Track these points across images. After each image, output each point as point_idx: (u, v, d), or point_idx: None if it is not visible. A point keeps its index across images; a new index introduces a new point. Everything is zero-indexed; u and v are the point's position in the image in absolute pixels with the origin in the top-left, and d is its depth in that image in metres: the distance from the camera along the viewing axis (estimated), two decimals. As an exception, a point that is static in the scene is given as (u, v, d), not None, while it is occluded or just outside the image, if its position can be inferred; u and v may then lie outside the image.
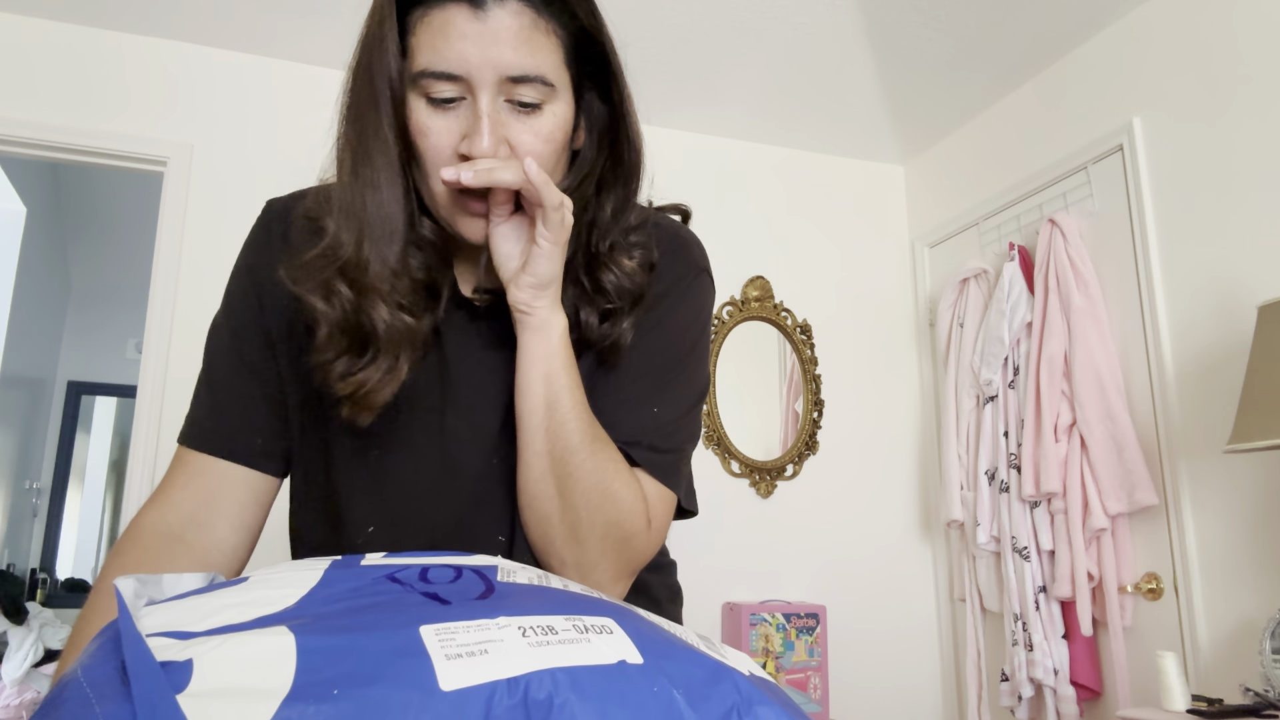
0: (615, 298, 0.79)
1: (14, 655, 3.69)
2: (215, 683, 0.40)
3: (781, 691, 0.53)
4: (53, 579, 4.90)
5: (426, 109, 0.72)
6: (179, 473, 0.82)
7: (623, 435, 0.79)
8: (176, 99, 2.70)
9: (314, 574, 0.54)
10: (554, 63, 0.73)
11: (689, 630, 0.57)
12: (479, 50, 0.70)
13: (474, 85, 0.71)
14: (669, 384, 0.83)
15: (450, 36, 0.70)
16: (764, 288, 3.21)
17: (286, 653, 0.42)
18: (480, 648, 0.44)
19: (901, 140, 3.33)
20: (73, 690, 0.42)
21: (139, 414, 2.52)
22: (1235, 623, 2.14)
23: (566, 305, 0.78)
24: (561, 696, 0.42)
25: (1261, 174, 2.16)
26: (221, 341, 0.85)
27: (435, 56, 0.70)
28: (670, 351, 0.84)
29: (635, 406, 0.82)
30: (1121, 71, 2.58)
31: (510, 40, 0.70)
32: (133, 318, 4.92)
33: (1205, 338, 2.27)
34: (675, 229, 0.88)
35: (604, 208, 0.79)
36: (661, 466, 0.81)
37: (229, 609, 0.48)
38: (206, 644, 0.43)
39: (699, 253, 0.89)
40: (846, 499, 3.16)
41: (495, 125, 0.71)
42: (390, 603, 0.50)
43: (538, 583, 0.57)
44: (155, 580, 0.55)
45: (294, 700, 0.39)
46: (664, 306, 0.84)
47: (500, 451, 0.81)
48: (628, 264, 0.79)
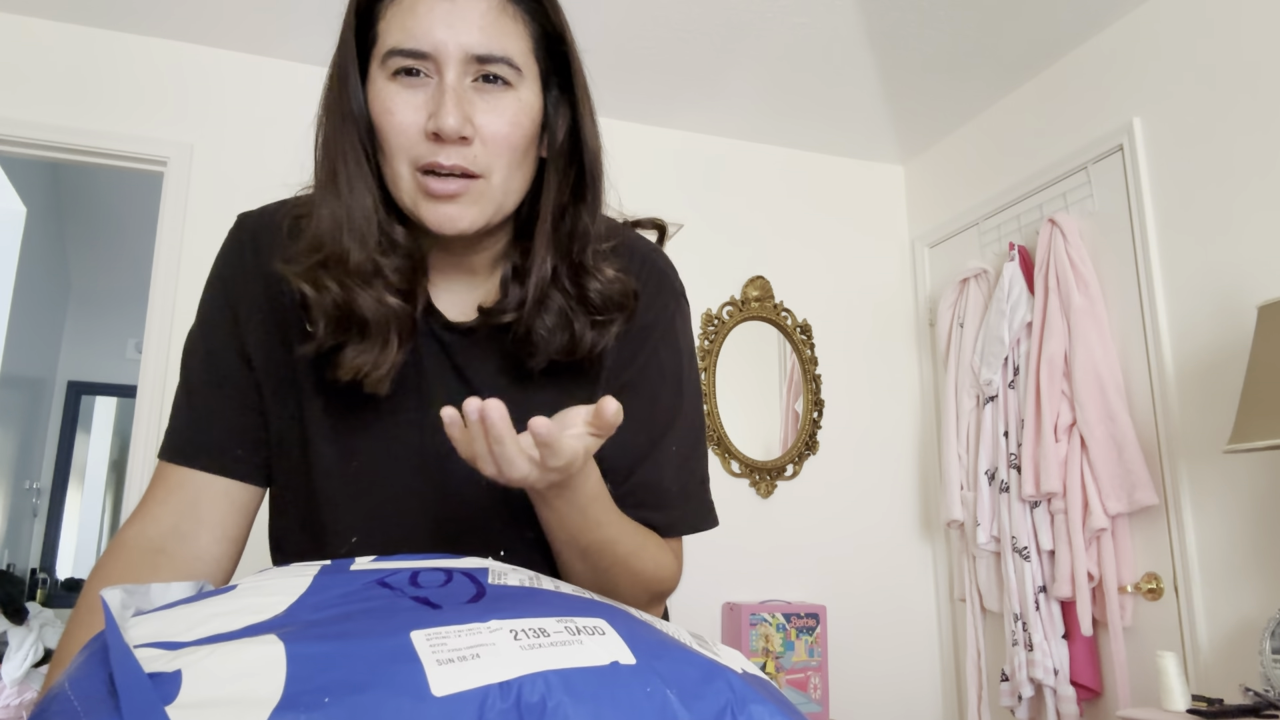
0: (603, 308, 0.79)
1: (14, 655, 3.69)
2: (204, 693, 0.40)
3: (776, 689, 0.53)
4: (53, 579, 4.90)
5: (392, 87, 0.73)
6: (160, 487, 0.82)
7: (652, 496, 0.82)
8: (176, 99, 2.70)
9: (303, 580, 0.53)
10: (521, 49, 0.75)
11: (682, 629, 0.57)
12: (447, 27, 0.71)
13: (440, 62, 0.72)
14: (676, 419, 0.85)
15: (419, 14, 0.72)
16: (764, 288, 3.21)
17: (276, 661, 0.41)
18: (472, 652, 0.44)
19: (901, 140, 3.33)
20: (60, 704, 0.41)
21: (139, 414, 2.52)
22: (1235, 623, 2.13)
23: (554, 315, 0.78)
24: (554, 699, 0.42)
25: (1261, 174, 2.16)
26: (197, 356, 0.85)
27: (404, 35, 0.72)
28: (672, 388, 0.86)
29: (655, 453, 0.83)
30: (1121, 71, 2.58)
31: (478, 20, 0.72)
32: (133, 318, 4.92)
33: (1205, 338, 2.27)
34: (650, 253, 0.88)
35: (580, 215, 0.79)
36: (691, 520, 0.86)
37: (217, 618, 0.48)
38: (195, 654, 0.42)
39: (676, 278, 0.89)
40: (846, 499, 3.16)
41: (460, 101, 0.72)
42: (381, 608, 0.50)
43: (529, 584, 0.57)
44: (143, 590, 0.54)
45: (285, 709, 0.39)
46: (654, 340, 0.85)
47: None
48: (610, 272, 0.79)
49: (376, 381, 0.75)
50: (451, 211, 0.74)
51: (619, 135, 3.11)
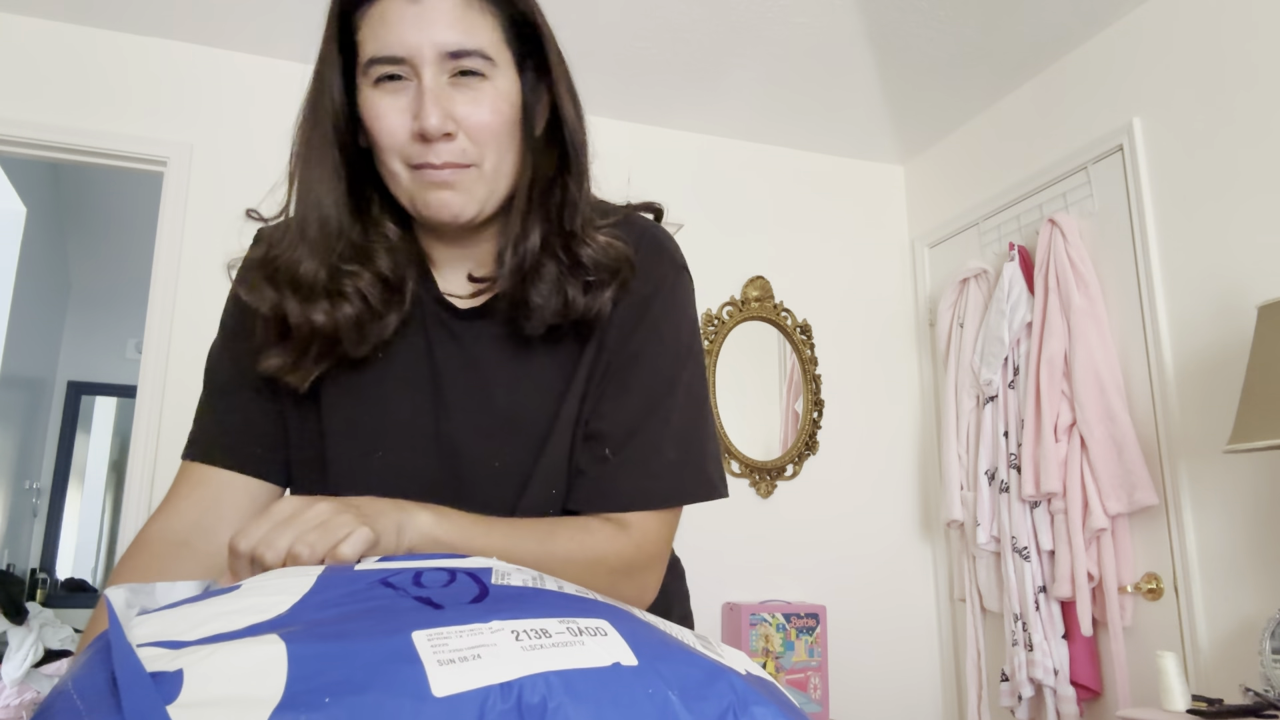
0: (594, 270, 0.81)
1: (14, 655, 3.68)
2: (206, 693, 0.40)
3: (779, 691, 0.53)
4: (53, 579, 4.90)
5: (376, 94, 0.77)
6: (183, 484, 0.86)
7: (649, 463, 0.82)
8: (176, 99, 2.70)
9: (307, 580, 0.54)
10: (492, 39, 0.77)
11: (686, 630, 0.57)
12: (417, 30, 0.75)
13: (416, 65, 0.75)
14: (676, 389, 0.85)
15: (390, 22, 0.75)
16: (764, 288, 3.21)
17: (277, 661, 0.41)
18: (473, 652, 0.44)
19: (901, 140, 3.33)
20: (63, 702, 0.41)
21: (139, 414, 2.52)
22: (1235, 623, 2.13)
23: (549, 284, 0.81)
24: (555, 700, 0.42)
25: (1262, 174, 2.16)
26: (219, 365, 0.90)
27: (378, 44, 0.76)
28: (671, 357, 0.86)
29: (653, 420, 0.83)
30: (1121, 72, 2.58)
31: (445, 19, 0.75)
32: (133, 318, 4.92)
33: (1205, 338, 2.27)
34: (650, 227, 0.90)
35: (568, 187, 0.82)
36: (690, 489, 0.84)
37: (220, 617, 0.48)
38: (197, 654, 0.42)
39: (677, 250, 0.91)
40: (846, 499, 3.16)
41: (439, 100, 0.75)
42: (383, 608, 0.50)
43: (532, 584, 0.57)
44: (148, 589, 0.55)
45: (285, 709, 0.39)
46: (655, 310, 0.85)
47: (502, 454, 0.83)
48: (602, 239, 0.82)
49: (299, 379, 0.81)
50: (449, 198, 0.78)
51: (619, 135, 3.11)
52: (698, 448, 0.86)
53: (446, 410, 0.83)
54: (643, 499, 0.82)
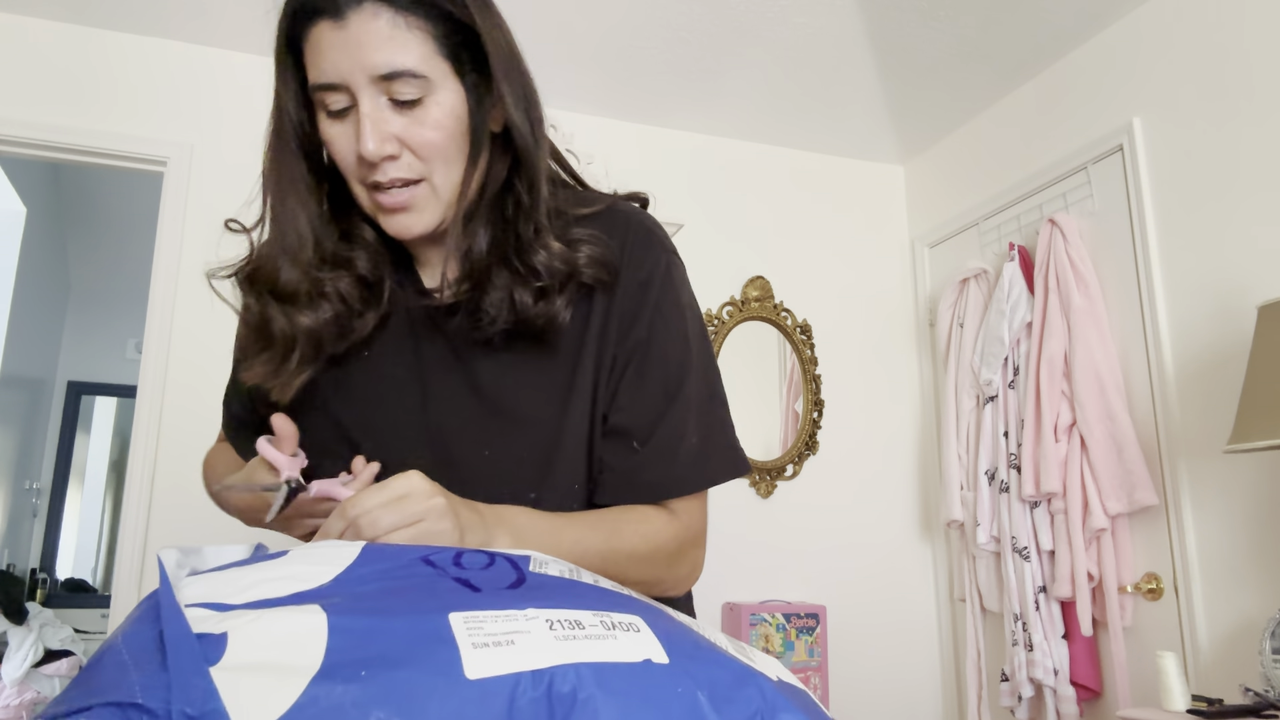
0: (546, 276, 0.81)
1: (14, 655, 3.68)
2: (248, 657, 0.41)
3: (809, 698, 0.53)
4: (53, 579, 4.90)
5: (327, 121, 0.79)
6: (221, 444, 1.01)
7: (677, 451, 0.84)
8: (176, 99, 2.70)
9: (351, 551, 0.55)
10: (422, 54, 0.76)
11: (719, 633, 0.58)
12: (345, 56, 0.75)
13: (352, 90, 0.76)
14: (689, 373, 0.86)
15: (323, 49, 0.76)
16: (764, 288, 3.21)
17: (318, 631, 0.43)
18: (507, 638, 0.44)
19: (901, 140, 3.33)
20: (111, 656, 0.43)
21: (139, 414, 2.52)
22: (1235, 623, 2.13)
23: (500, 289, 0.82)
24: (586, 691, 0.42)
25: (1262, 174, 2.16)
26: (239, 353, 0.95)
27: (316, 71, 0.78)
28: (680, 342, 0.87)
29: (675, 408, 0.85)
30: (1121, 72, 2.58)
31: (372, 41, 0.75)
32: (133, 318, 4.91)
33: (1205, 338, 2.27)
34: (635, 213, 0.90)
35: (519, 192, 0.83)
36: (720, 468, 0.87)
37: (266, 583, 0.49)
38: (242, 618, 0.44)
39: (665, 236, 0.91)
40: (846, 499, 3.16)
41: (378, 125, 0.76)
42: (422, 586, 0.51)
43: (569, 576, 0.58)
44: (197, 551, 0.57)
45: (323, 679, 0.40)
46: (655, 295, 0.86)
47: (492, 444, 0.83)
48: (555, 245, 0.82)
49: (280, 390, 0.83)
50: (405, 220, 0.80)
51: (619, 135, 3.11)
52: (719, 427, 0.88)
53: (433, 401, 0.85)
54: (677, 487, 0.85)
